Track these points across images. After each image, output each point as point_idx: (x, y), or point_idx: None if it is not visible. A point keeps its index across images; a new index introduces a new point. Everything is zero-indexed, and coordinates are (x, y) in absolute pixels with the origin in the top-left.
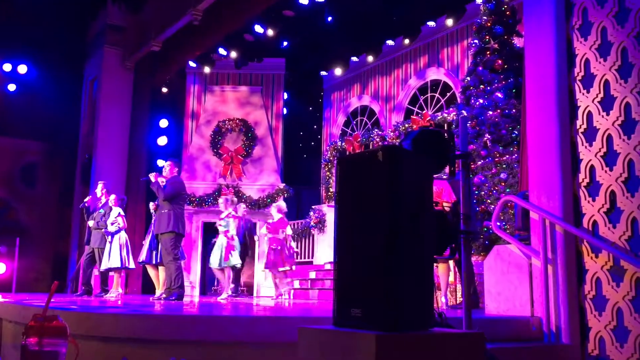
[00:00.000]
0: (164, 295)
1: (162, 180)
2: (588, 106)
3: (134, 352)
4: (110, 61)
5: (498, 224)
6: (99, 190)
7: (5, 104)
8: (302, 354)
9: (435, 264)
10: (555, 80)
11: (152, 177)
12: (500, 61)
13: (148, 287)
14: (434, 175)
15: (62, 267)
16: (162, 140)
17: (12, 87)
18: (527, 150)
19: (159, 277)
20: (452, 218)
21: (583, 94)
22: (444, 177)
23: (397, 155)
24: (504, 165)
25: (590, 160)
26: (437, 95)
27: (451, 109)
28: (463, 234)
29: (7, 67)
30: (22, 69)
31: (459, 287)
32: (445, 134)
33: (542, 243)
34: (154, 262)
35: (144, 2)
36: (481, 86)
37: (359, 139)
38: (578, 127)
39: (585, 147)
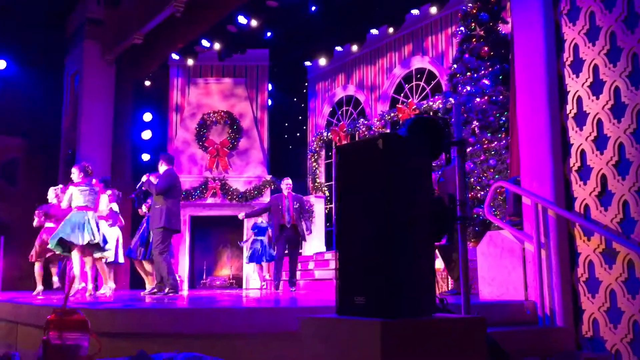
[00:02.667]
0: (155, 290)
1: (153, 179)
2: (578, 91)
3: (132, 346)
4: (91, 55)
5: (490, 210)
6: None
7: None
8: (306, 343)
9: None
10: (545, 65)
11: (144, 178)
12: (486, 48)
13: (137, 282)
14: None
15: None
16: (147, 134)
17: None
18: (517, 136)
19: (146, 272)
20: (449, 204)
21: (572, 78)
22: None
23: (396, 143)
24: (493, 152)
25: (580, 144)
26: (422, 83)
27: (437, 96)
28: (460, 220)
29: None
30: (1, 64)
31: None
32: (441, 122)
33: (534, 228)
34: (139, 257)
35: None
36: (468, 73)
37: (344, 129)
38: (568, 111)
39: (576, 131)
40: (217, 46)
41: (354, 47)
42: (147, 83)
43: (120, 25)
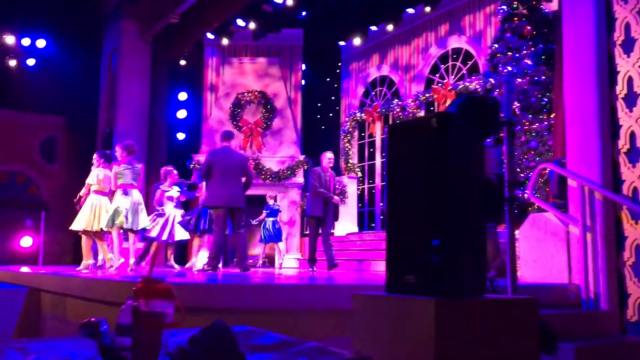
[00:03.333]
0: (206, 267)
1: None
2: (628, 71)
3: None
4: (129, 34)
5: (534, 192)
6: None
7: (25, 78)
8: (358, 319)
9: None
10: (594, 44)
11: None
12: (529, 27)
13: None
14: None
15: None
16: (182, 114)
17: (31, 62)
18: (562, 117)
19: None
20: (497, 185)
21: (623, 58)
22: None
23: (450, 122)
24: (534, 134)
25: (630, 126)
26: (458, 64)
27: (474, 77)
28: (508, 201)
29: (25, 41)
30: (41, 43)
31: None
32: (490, 101)
33: (580, 210)
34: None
35: None
36: (509, 53)
37: (378, 110)
38: (618, 92)
39: (625, 112)
40: (252, 25)
41: (389, 27)
42: (183, 62)
43: (156, 4)
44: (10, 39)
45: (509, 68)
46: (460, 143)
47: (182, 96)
